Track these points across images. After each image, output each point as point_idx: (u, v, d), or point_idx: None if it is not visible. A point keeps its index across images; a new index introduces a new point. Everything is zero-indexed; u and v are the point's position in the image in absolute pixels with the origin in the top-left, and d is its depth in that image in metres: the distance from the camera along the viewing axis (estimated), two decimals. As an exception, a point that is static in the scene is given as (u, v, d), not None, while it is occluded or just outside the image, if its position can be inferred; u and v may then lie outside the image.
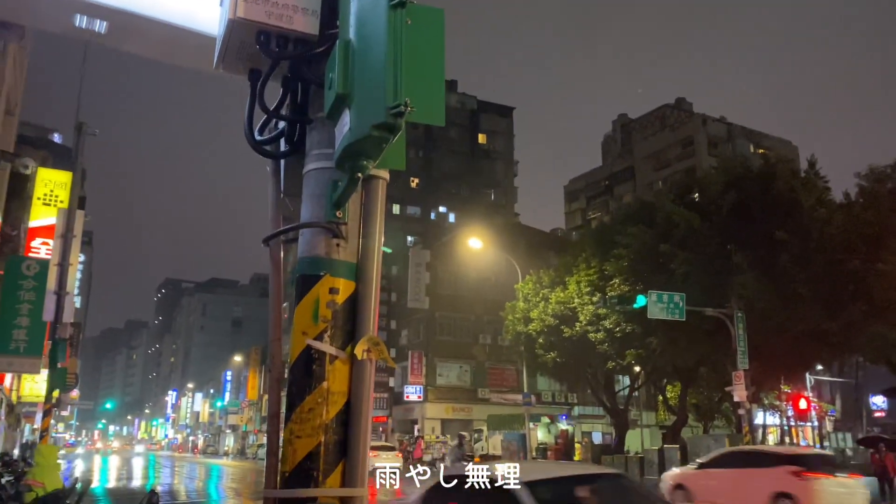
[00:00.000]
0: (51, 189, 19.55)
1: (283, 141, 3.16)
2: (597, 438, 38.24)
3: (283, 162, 3.19)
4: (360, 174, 2.60)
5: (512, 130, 69.51)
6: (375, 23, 2.40)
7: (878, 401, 44.63)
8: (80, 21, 3.82)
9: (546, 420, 36.92)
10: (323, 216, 2.82)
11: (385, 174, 2.85)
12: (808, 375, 25.89)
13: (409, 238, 54.75)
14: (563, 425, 36.15)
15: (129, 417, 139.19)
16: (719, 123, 64.61)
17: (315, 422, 2.63)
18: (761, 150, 54.80)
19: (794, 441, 24.35)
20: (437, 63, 2.41)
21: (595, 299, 26.24)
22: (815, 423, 43.91)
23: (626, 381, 32.29)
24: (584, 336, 26.37)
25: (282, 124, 3.16)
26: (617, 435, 30.42)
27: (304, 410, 2.64)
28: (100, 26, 3.94)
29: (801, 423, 27.80)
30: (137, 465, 44.65)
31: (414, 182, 62.78)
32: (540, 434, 35.57)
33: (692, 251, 23.23)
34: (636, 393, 33.17)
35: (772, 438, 33.22)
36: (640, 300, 22.46)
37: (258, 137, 3.16)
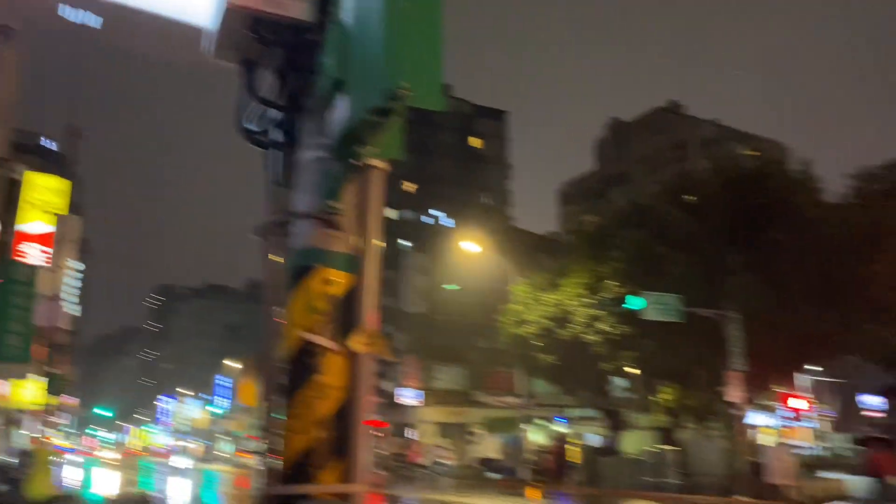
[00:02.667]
0: (42, 194, 19.45)
1: (276, 133, 3.10)
2: (593, 441, 38.15)
3: (279, 154, 3.12)
4: (356, 162, 2.54)
5: (506, 134, 69.56)
6: (371, 4, 2.35)
7: (873, 400, 44.61)
8: (71, 14, 3.78)
9: (542, 423, 36.80)
10: (318, 206, 2.76)
11: (384, 164, 2.77)
12: (804, 376, 25.93)
13: (404, 242, 54.66)
14: (558, 427, 36.06)
15: (124, 423, 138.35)
16: (711, 126, 64.75)
17: (311, 417, 2.56)
18: (752, 153, 54.90)
19: (788, 439, 24.24)
20: (435, 47, 2.34)
21: (589, 301, 26.19)
22: (816, 424, 43.95)
23: (622, 382, 32.25)
24: (579, 338, 26.32)
25: (275, 116, 3.09)
26: (613, 437, 30.37)
27: (298, 405, 2.57)
28: (95, 21, 3.89)
29: (797, 424, 27.81)
30: (131, 470, 44.36)
31: (408, 186, 62.67)
32: (536, 436, 35.46)
33: (687, 253, 23.21)
34: (631, 394, 33.10)
35: (769, 439, 33.18)
36: (635, 301, 22.44)
37: (250, 127, 3.10)
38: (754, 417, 31.82)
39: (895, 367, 29.39)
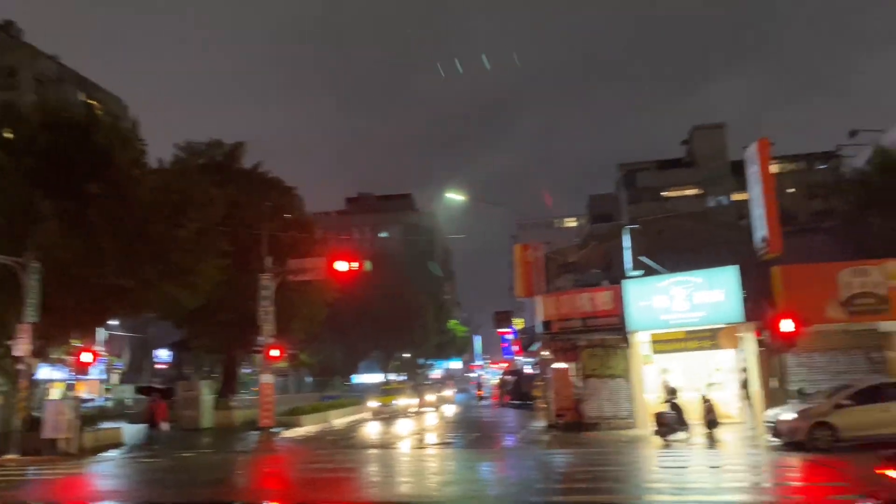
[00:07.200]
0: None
1: None
2: None
3: None
4: None
5: None
6: None
7: (164, 354, 48.55)
8: None
9: None
10: None
11: None
12: (101, 329, 26.25)
13: None
14: None
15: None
16: (51, 61, 59.71)
17: None
18: (91, 101, 53.08)
19: (76, 393, 24.17)
20: None
21: None
22: (105, 376, 44.99)
23: None
24: None
25: None
26: None
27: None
28: None
29: (85, 377, 28.03)
30: None
31: None
32: None
33: (-8, 191, 20.74)
34: None
35: (57, 393, 32.54)
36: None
37: None
38: (44, 372, 30.69)
39: (184, 325, 32.72)
